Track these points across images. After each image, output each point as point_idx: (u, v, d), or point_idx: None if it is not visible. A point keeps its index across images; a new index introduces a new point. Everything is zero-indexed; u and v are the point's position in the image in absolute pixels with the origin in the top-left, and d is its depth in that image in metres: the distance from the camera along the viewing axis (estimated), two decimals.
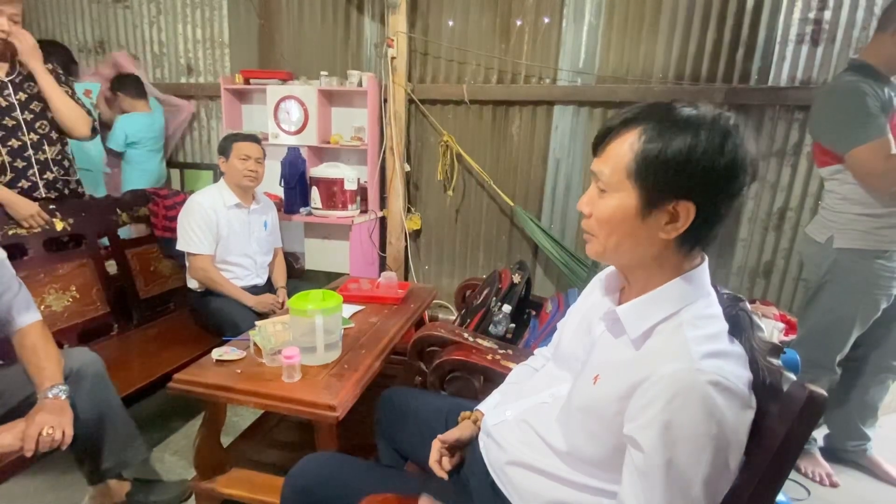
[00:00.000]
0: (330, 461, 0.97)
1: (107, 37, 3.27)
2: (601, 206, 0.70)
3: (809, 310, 1.65)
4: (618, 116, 0.70)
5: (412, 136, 2.83)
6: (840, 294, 1.54)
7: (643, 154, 0.64)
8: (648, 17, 2.38)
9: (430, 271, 3.01)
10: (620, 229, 0.69)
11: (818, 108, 1.55)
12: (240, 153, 1.94)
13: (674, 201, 0.64)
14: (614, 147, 0.68)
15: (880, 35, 1.47)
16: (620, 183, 0.67)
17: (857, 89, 1.41)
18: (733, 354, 0.65)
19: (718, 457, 0.59)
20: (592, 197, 0.73)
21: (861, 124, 1.40)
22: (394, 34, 2.56)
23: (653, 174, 0.64)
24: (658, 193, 0.65)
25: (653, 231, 0.67)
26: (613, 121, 0.70)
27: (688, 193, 0.64)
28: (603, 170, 0.69)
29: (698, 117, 0.64)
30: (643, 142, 0.65)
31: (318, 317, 1.29)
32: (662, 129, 0.64)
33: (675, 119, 0.64)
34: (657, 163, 0.63)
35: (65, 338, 1.75)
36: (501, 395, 1.02)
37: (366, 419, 1.43)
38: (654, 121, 0.65)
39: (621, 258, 0.73)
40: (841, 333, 1.57)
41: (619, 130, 0.68)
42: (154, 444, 1.77)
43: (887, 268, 1.49)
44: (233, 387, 1.26)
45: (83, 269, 1.90)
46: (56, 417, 1.12)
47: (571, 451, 0.75)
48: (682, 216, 0.65)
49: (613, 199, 0.68)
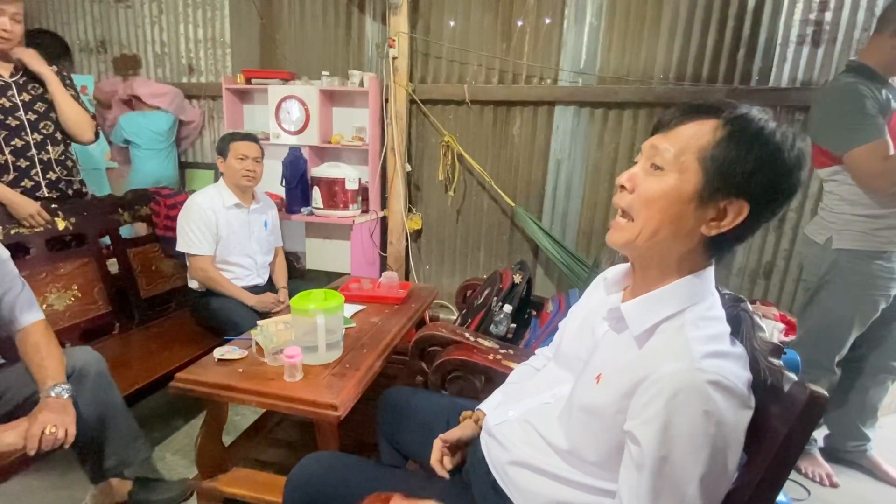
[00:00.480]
0: (331, 460, 0.97)
1: (108, 36, 3.27)
2: (652, 183, 0.68)
3: (808, 310, 1.65)
4: (690, 105, 0.69)
5: (413, 136, 2.84)
6: (839, 294, 1.54)
7: (725, 146, 0.64)
8: (649, 17, 2.38)
9: (431, 271, 3.01)
10: (666, 212, 0.66)
11: (816, 110, 1.55)
12: (237, 153, 1.94)
13: (730, 199, 0.65)
14: (688, 128, 0.67)
15: (878, 37, 1.47)
16: (687, 163, 0.65)
17: (855, 90, 1.41)
18: (734, 355, 0.66)
19: (716, 456, 0.59)
20: (636, 174, 0.70)
21: (859, 125, 1.40)
22: (395, 34, 2.56)
23: (727, 167, 0.64)
24: (721, 185, 0.64)
25: (697, 222, 0.67)
26: (687, 106, 0.69)
27: (747, 195, 0.64)
28: (668, 147, 0.67)
29: (783, 135, 0.64)
30: (726, 134, 0.64)
31: (320, 316, 1.29)
32: (748, 131, 0.64)
33: (760, 125, 0.64)
34: (738, 160, 0.63)
35: (67, 337, 1.75)
36: (503, 394, 1.03)
37: (367, 419, 1.44)
38: (737, 119, 0.65)
39: (651, 247, 0.69)
40: (840, 334, 1.58)
41: (693, 115, 0.67)
42: (156, 443, 1.77)
43: (886, 268, 1.49)
44: (234, 386, 1.26)
45: (85, 269, 1.90)
46: (59, 416, 1.12)
47: (573, 450, 0.75)
48: (731, 215, 0.65)
49: (671, 178, 0.66)
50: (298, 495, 0.93)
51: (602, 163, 2.59)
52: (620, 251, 0.76)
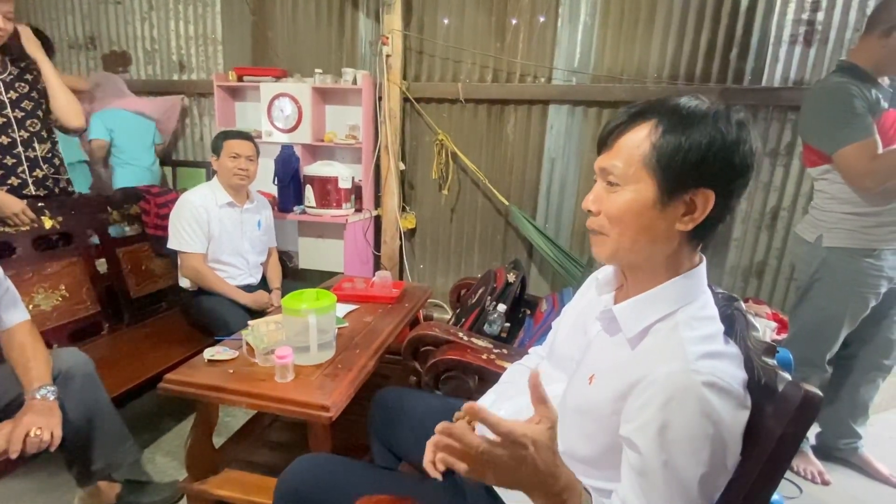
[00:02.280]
0: (323, 462, 0.96)
1: (98, 33, 3.23)
2: (614, 202, 0.68)
3: (799, 308, 1.66)
4: (624, 112, 0.69)
5: (407, 134, 2.82)
6: (829, 292, 1.55)
7: (663, 143, 0.64)
8: (643, 16, 2.39)
9: (425, 270, 3.00)
10: (636, 223, 0.67)
11: (807, 109, 1.56)
12: (230, 151, 1.92)
13: (692, 191, 0.64)
14: (626, 140, 0.67)
15: (868, 37, 1.48)
16: (636, 174, 0.66)
17: (844, 90, 1.42)
18: (728, 355, 0.65)
19: (715, 457, 0.59)
20: (599, 195, 0.71)
21: (848, 124, 1.41)
22: (389, 32, 2.54)
23: (674, 162, 0.63)
24: (677, 182, 0.64)
25: (670, 223, 0.66)
26: (620, 116, 0.69)
27: (707, 182, 0.64)
28: (615, 163, 0.68)
29: (712, 110, 0.64)
30: (661, 132, 0.64)
31: (312, 316, 1.28)
32: (678, 120, 0.64)
33: (690, 111, 0.64)
34: (679, 151, 0.63)
35: (54, 338, 1.72)
36: (496, 394, 1.02)
37: (359, 419, 1.42)
38: (667, 113, 0.65)
39: (636, 256, 0.70)
40: (830, 332, 1.59)
41: (628, 125, 0.68)
42: (145, 445, 1.75)
43: (875, 266, 1.50)
44: (225, 387, 1.24)
45: (73, 268, 1.87)
46: (44, 419, 1.10)
47: (565, 450, 0.75)
48: (700, 205, 0.65)
49: (628, 191, 0.67)
50: (289, 498, 0.91)
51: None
52: (607, 264, 0.76)
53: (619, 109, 0.71)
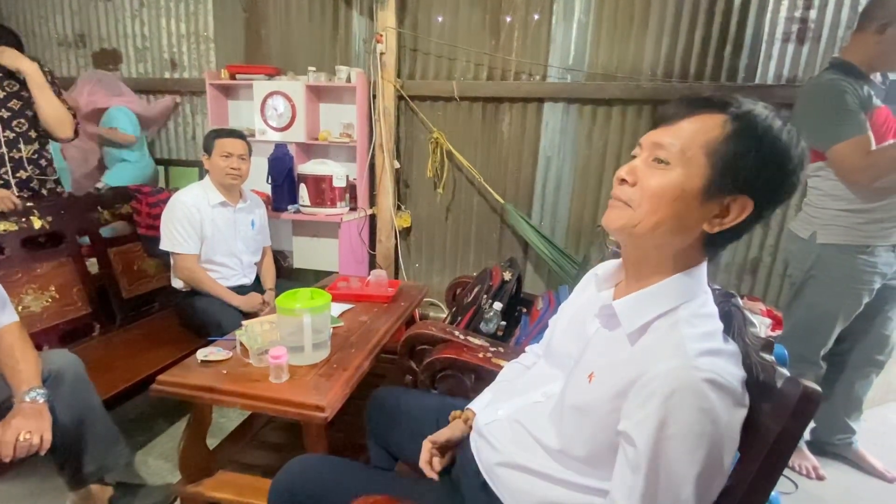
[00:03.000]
0: (318, 463, 0.95)
1: (87, 30, 3.19)
2: (656, 177, 0.66)
3: (794, 306, 1.66)
4: (694, 99, 0.67)
5: (402, 132, 2.81)
6: (824, 289, 1.56)
7: (735, 142, 0.63)
8: (638, 14, 2.38)
9: (421, 269, 2.99)
10: (672, 207, 0.65)
11: (800, 106, 1.56)
12: (222, 150, 1.90)
13: (735, 195, 0.64)
14: (693, 122, 0.65)
15: (861, 33, 1.48)
16: (693, 158, 0.64)
17: (837, 87, 1.42)
18: (728, 353, 0.65)
19: (712, 455, 0.58)
20: (637, 167, 0.68)
21: (841, 121, 1.41)
22: (383, 29, 2.53)
23: (736, 163, 0.62)
24: (728, 182, 0.63)
25: (701, 219, 0.66)
26: (689, 101, 0.67)
27: (753, 192, 0.63)
28: (672, 141, 0.65)
29: (791, 135, 0.63)
30: (735, 130, 0.63)
31: (307, 316, 1.27)
32: (752, 123, 0.63)
33: (772, 126, 0.63)
34: (746, 154, 0.62)
35: (44, 339, 1.70)
36: (493, 393, 1.01)
37: (355, 419, 1.41)
38: (745, 114, 0.64)
39: (649, 240, 0.68)
40: (825, 328, 1.59)
41: (698, 108, 0.66)
42: (138, 448, 1.72)
43: (869, 263, 1.50)
44: (218, 388, 1.23)
45: (63, 269, 1.85)
46: (33, 422, 1.09)
47: (564, 449, 0.74)
48: (735, 212, 0.64)
49: (676, 172, 0.64)
50: (283, 499, 0.90)
51: (591, 160, 2.58)
52: (616, 235, 0.74)
53: (685, 95, 0.70)
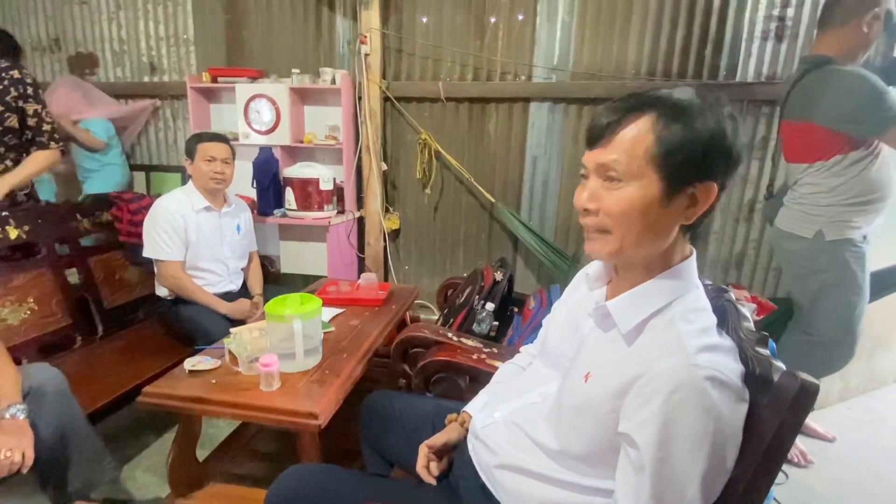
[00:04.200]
0: (316, 472, 0.93)
1: (62, 34, 3.10)
2: (617, 199, 0.65)
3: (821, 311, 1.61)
4: (616, 105, 0.67)
5: (388, 134, 2.79)
6: (852, 286, 1.55)
7: (669, 136, 0.63)
8: (620, 14, 2.41)
9: (410, 271, 2.97)
10: (643, 220, 0.65)
11: (831, 98, 1.49)
12: (205, 154, 1.86)
13: (695, 184, 0.64)
14: (626, 134, 0.65)
15: (837, 29, 1.50)
16: (640, 170, 0.64)
17: (867, 74, 1.42)
18: (725, 348, 0.65)
19: (715, 453, 0.58)
20: (596, 192, 0.68)
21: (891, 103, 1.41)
22: (367, 31, 2.51)
23: (680, 155, 0.62)
24: (682, 176, 0.64)
25: (674, 218, 0.66)
26: (614, 110, 0.67)
27: (710, 174, 0.64)
28: (616, 158, 0.65)
29: (708, 102, 0.64)
30: (664, 125, 0.63)
31: (297, 321, 1.24)
32: (679, 113, 0.63)
33: (688, 105, 0.64)
34: (686, 144, 0.62)
35: (23, 353, 1.64)
36: (489, 395, 1.00)
37: (348, 425, 1.39)
38: (666, 107, 0.64)
39: (639, 252, 0.68)
40: (859, 323, 1.60)
41: (624, 118, 0.65)
42: (124, 462, 1.67)
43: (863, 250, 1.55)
44: (208, 398, 1.20)
45: (41, 279, 1.79)
46: (14, 439, 1.05)
47: (562, 450, 0.74)
48: (702, 198, 0.65)
49: (632, 188, 0.64)
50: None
51: (578, 158, 2.58)
52: (606, 261, 0.75)
53: (607, 103, 0.69)
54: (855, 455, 1.82)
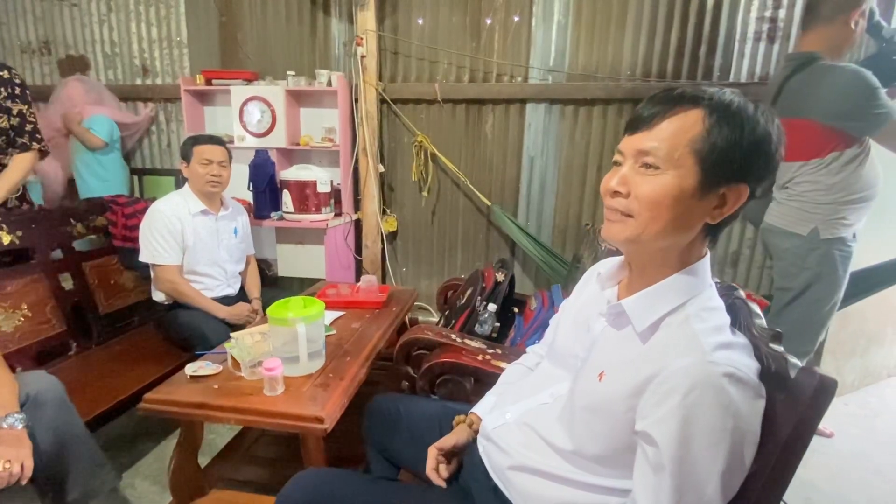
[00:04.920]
0: (324, 477, 0.92)
1: (52, 36, 3.06)
2: (651, 184, 0.65)
3: (796, 304, 1.63)
4: (665, 97, 0.67)
5: (385, 136, 2.78)
6: (831, 283, 1.57)
7: (718, 133, 0.63)
8: (615, 15, 2.42)
9: (408, 273, 2.96)
10: (673, 210, 0.64)
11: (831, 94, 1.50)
12: (201, 157, 1.84)
13: (729, 184, 0.64)
14: (672, 122, 0.65)
15: (823, 26, 1.52)
16: (682, 159, 0.64)
17: (865, 72, 1.43)
18: (740, 345, 0.65)
19: (734, 450, 0.58)
20: (629, 176, 0.67)
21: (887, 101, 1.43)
22: (363, 32, 2.50)
23: (724, 155, 0.63)
24: (720, 174, 0.64)
25: (702, 214, 0.66)
26: (663, 98, 0.67)
27: (746, 177, 0.64)
28: (656, 145, 0.65)
29: (755, 108, 0.64)
30: (716, 121, 0.63)
31: (301, 325, 1.23)
32: (731, 113, 0.63)
33: (738, 106, 0.63)
34: (734, 144, 0.62)
35: (18, 361, 1.61)
36: (496, 396, 1.00)
37: (350, 429, 1.38)
38: (718, 104, 0.64)
39: (657, 243, 0.67)
40: (827, 319, 1.61)
41: (672, 108, 0.65)
42: (124, 470, 1.64)
43: (851, 249, 1.56)
44: (211, 403, 1.18)
45: (35, 286, 1.76)
46: (13, 449, 1.02)
47: (577, 450, 0.74)
48: (732, 200, 0.65)
49: (669, 176, 0.64)
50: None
51: (574, 159, 2.61)
52: (621, 247, 0.74)
53: (653, 94, 0.69)
54: (853, 450, 1.85)
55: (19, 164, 1.74)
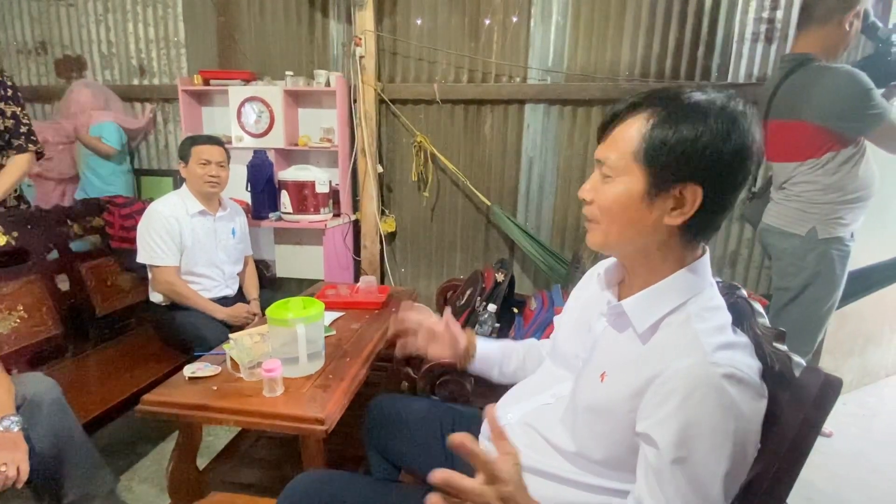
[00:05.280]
0: (324, 480, 0.91)
1: (48, 37, 3.04)
2: (605, 192, 0.69)
3: (795, 304, 1.63)
4: (623, 102, 0.69)
5: (384, 136, 2.78)
6: (829, 284, 1.57)
7: (651, 137, 0.64)
8: (613, 16, 2.42)
9: (407, 274, 2.96)
10: (624, 216, 0.67)
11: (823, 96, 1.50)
12: (199, 157, 1.84)
13: (680, 185, 0.64)
14: (621, 132, 0.67)
15: (818, 28, 1.52)
16: (627, 167, 0.66)
17: (859, 74, 1.44)
18: (742, 345, 0.65)
19: (737, 451, 0.58)
20: (595, 184, 0.71)
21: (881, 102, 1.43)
22: (361, 32, 2.50)
23: (660, 156, 0.63)
24: (665, 177, 0.64)
25: (658, 217, 0.66)
26: (619, 106, 0.69)
27: (694, 176, 0.63)
28: (609, 155, 0.68)
29: (708, 102, 0.63)
30: (651, 125, 0.64)
31: (301, 325, 1.23)
32: (671, 113, 0.63)
33: (684, 104, 0.64)
34: (664, 146, 0.63)
35: (13, 363, 1.60)
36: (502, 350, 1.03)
37: (350, 430, 1.38)
38: (662, 105, 0.64)
39: (624, 247, 0.72)
40: (825, 320, 1.62)
41: (625, 116, 0.67)
42: (121, 472, 1.64)
43: (849, 249, 1.56)
44: (210, 405, 1.17)
45: (31, 287, 1.74)
46: (9, 452, 1.02)
47: (580, 451, 0.73)
48: (689, 201, 0.64)
49: (619, 183, 0.67)
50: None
51: (573, 160, 2.61)
52: (599, 251, 0.76)
53: (620, 99, 0.70)
54: (852, 449, 1.85)
55: (17, 165, 1.73)
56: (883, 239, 1.90)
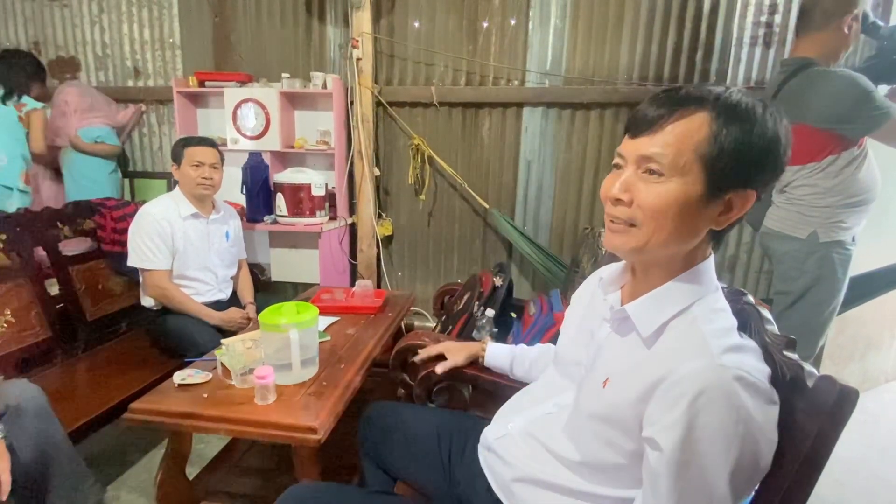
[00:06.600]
0: (317, 492, 0.88)
1: (42, 38, 3.01)
2: (655, 193, 0.61)
3: (795, 308, 1.61)
4: (668, 98, 0.63)
5: (381, 139, 2.76)
6: (830, 287, 1.55)
7: (726, 137, 0.59)
8: (612, 19, 2.42)
9: (404, 278, 2.93)
10: (678, 219, 0.61)
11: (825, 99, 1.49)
12: (192, 159, 1.80)
13: (736, 190, 0.61)
14: (676, 127, 0.61)
15: (818, 32, 1.52)
16: (687, 166, 0.60)
17: (857, 75, 1.43)
18: (750, 348, 0.63)
19: (744, 456, 0.55)
20: (631, 182, 0.64)
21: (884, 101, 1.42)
22: (358, 35, 2.48)
23: (732, 161, 0.59)
24: (726, 180, 0.61)
25: (708, 221, 0.63)
26: (664, 102, 0.63)
27: (753, 182, 0.61)
28: (661, 151, 0.61)
29: (768, 107, 0.61)
30: (721, 125, 0.59)
31: (294, 331, 1.20)
32: (738, 115, 0.59)
33: (747, 107, 0.60)
34: (742, 148, 0.59)
35: (0, 369, 1.55)
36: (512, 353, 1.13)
37: (344, 438, 1.34)
38: (724, 106, 0.60)
39: (664, 252, 0.65)
40: (828, 324, 1.60)
41: (677, 110, 0.61)
42: (109, 482, 1.59)
43: (851, 253, 1.55)
44: (199, 413, 1.14)
45: (19, 291, 1.70)
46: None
47: (585, 460, 0.71)
48: (738, 205, 0.62)
49: (674, 184, 0.61)
50: None
51: (571, 163, 2.60)
52: (625, 257, 0.72)
53: (654, 94, 0.65)
54: (854, 455, 1.83)
55: None
56: (886, 243, 1.88)
